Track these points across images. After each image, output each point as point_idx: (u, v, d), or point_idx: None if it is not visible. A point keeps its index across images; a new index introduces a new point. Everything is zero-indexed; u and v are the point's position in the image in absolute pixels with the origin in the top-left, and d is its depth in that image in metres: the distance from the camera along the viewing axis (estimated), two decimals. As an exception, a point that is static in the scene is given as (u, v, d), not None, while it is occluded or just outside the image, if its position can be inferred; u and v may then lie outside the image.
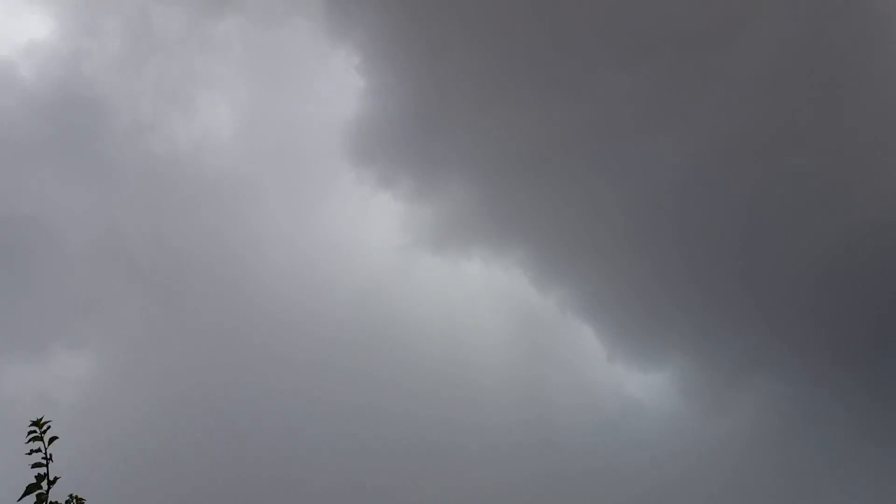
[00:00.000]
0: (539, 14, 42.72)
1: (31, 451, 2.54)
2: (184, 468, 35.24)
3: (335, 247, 46.38)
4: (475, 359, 44.73)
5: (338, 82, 47.14)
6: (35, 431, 2.58)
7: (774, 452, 39.95)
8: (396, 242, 46.51)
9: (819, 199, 38.81)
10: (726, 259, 41.67)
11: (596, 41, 41.85)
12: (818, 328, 40.60)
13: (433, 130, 43.71)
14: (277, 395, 39.46)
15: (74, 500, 2.50)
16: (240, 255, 44.35)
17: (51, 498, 2.47)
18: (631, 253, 42.77)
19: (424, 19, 43.04)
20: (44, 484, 2.47)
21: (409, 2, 42.48)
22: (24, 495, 2.42)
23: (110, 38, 43.76)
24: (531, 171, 43.03)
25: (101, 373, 41.42)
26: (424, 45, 43.05)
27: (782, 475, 38.88)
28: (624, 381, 47.97)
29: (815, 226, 38.58)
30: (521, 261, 46.43)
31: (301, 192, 48.44)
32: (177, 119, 46.09)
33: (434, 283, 48.42)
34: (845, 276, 37.88)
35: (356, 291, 44.88)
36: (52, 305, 41.72)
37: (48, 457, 2.53)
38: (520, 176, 43.38)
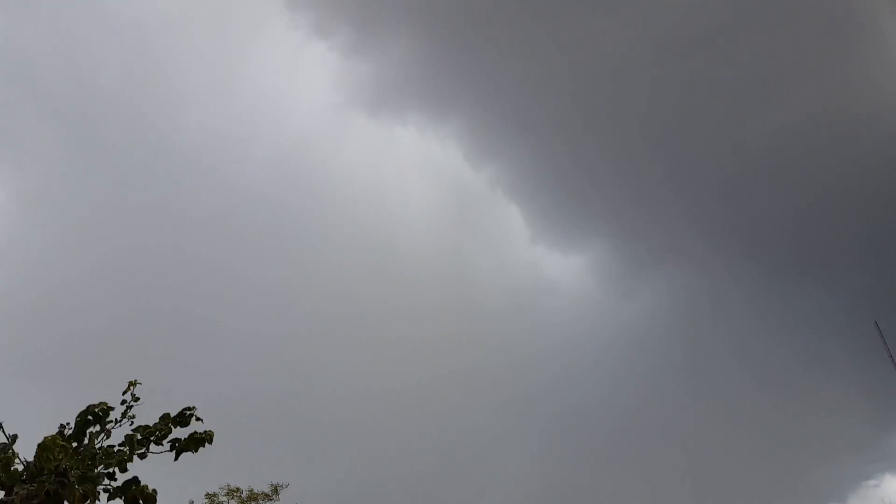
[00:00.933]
0: None
1: None
2: (101, 305, 34.91)
3: (262, 95, 44.22)
4: (403, 230, 44.81)
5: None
6: None
7: (680, 335, 42.92)
8: (328, 100, 44.68)
9: (749, 98, 39.29)
10: (652, 151, 42.37)
11: None
12: (733, 223, 42.68)
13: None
14: (192, 250, 38.91)
15: None
16: (162, 96, 41.77)
17: None
18: (566, 137, 42.71)
19: None
20: None
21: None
22: None
23: None
24: (478, 36, 41.25)
25: (14, 210, 39.55)
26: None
27: (685, 356, 42.03)
28: (544, 262, 49.89)
29: (742, 124, 39.33)
30: (457, 133, 45.67)
31: (229, 31, 44.96)
32: None
33: (366, 148, 47.40)
34: (765, 176, 39.35)
35: (281, 148, 43.50)
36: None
37: None
38: (466, 41, 41.52)
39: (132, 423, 2.48)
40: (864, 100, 35.67)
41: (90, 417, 2.53)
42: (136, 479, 2.45)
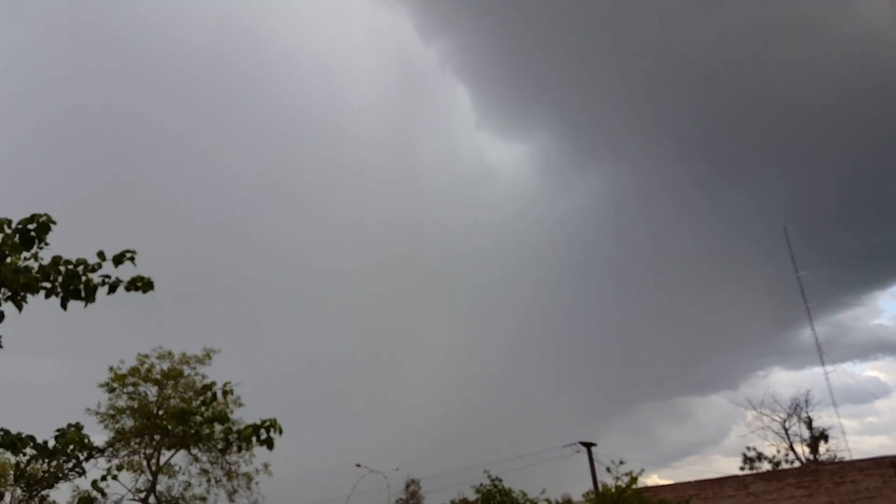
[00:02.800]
0: None
1: None
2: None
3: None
4: (342, 99, 43.46)
5: None
6: None
7: (609, 230, 44.29)
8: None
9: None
10: (599, 44, 41.60)
11: None
12: (667, 125, 43.21)
13: None
14: (127, 105, 37.02)
15: None
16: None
17: None
18: (523, 17, 41.31)
19: None
20: None
21: None
22: None
23: None
24: None
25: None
26: None
27: (611, 250, 43.56)
28: (487, 148, 49.49)
29: (690, 25, 38.82)
30: (407, 1, 43.56)
31: None
32: None
33: (312, 12, 44.89)
34: (707, 75, 39.48)
35: (220, 12, 40.84)
36: None
37: None
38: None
39: (42, 248, 2.39)
40: (808, 4, 35.79)
41: (32, 225, 2.47)
42: (77, 274, 2.44)
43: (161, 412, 12.64)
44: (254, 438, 2.73)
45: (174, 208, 37.58)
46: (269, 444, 2.73)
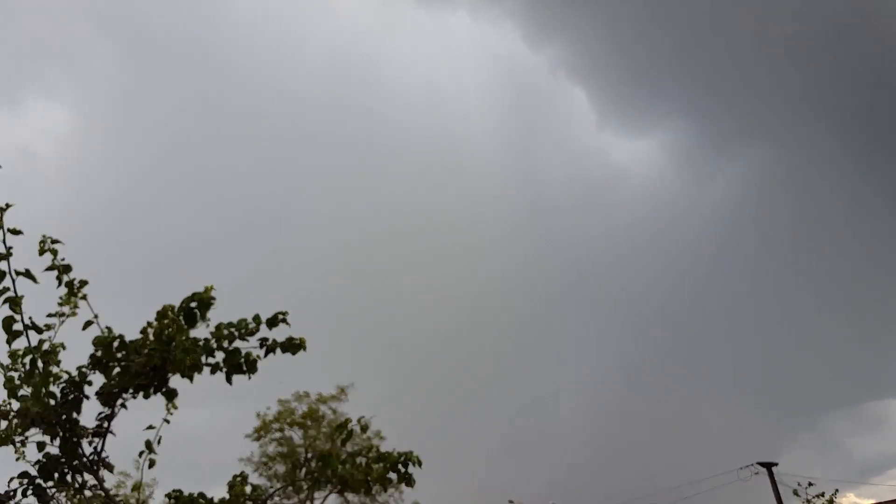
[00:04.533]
0: None
1: None
2: (163, 216, 36.11)
3: (311, 22, 43.03)
4: (459, 119, 43.83)
5: None
6: None
7: (759, 215, 41.21)
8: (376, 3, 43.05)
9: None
10: (725, 24, 39.30)
11: None
12: (808, 96, 39.86)
13: None
14: (247, 149, 39.25)
15: (49, 241, 2.21)
16: (207, 3, 41.17)
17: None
18: (630, 12, 39.95)
19: None
20: None
21: None
22: None
23: None
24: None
25: (78, 126, 40.47)
26: None
27: (765, 237, 40.52)
28: (612, 149, 47.62)
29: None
30: (512, 11, 43.21)
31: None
32: None
33: (417, 40, 45.73)
34: (839, 47, 36.28)
35: (330, 49, 42.57)
36: (16, 51, 39.68)
37: None
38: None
39: (208, 325, 2.36)
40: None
41: (193, 304, 2.45)
42: (238, 349, 2.35)
43: (309, 455, 12.84)
44: (393, 475, 2.56)
45: (308, 243, 38.89)
46: (408, 480, 2.54)
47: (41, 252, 2.19)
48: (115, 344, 2.26)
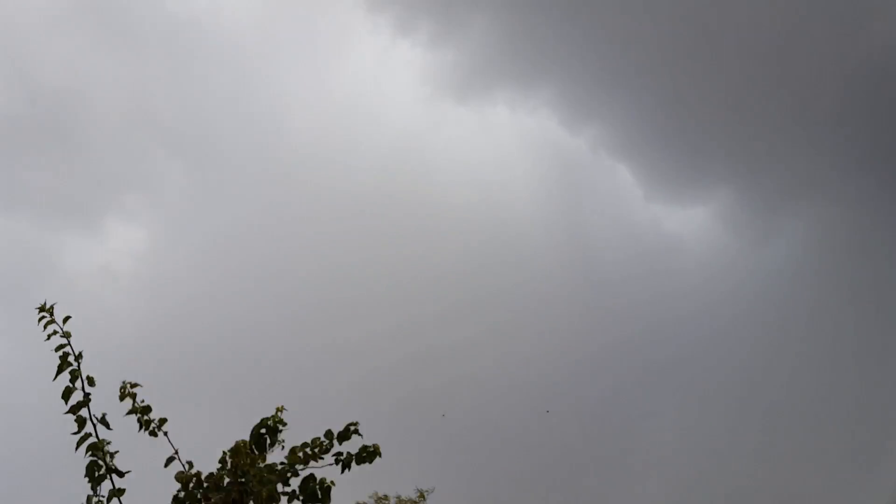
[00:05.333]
0: None
1: (49, 336, 2.39)
2: (235, 327, 37.14)
3: (356, 103, 45.33)
4: (508, 209, 44.53)
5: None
6: (45, 316, 2.41)
7: (822, 274, 39.43)
8: (417, 94, 45.29)
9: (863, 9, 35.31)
10: (764, 81, 39.13)
11: None
12: (863, 148, 38.83)
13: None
14: (312, 256, 40.46)
15: (128, 387, 2.37)
16: (266, 117, 43.95)
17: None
18: (664, 84, 40.52)
19: None
20: (71, 360, 2.34)
21: None
22: (56, 374, 2.33)
23: None
24: (554, 3, 40.02)
25: (153, 244, 42.73)
26: None
27: (830, 296, 38.59)
28: (663, 219, 47.25)
29: (860, 39, 35.45)
30: (548, 101, 44.62)
31: (319, 45, 46.82)
32: None
33: (460, 134, 47.34)
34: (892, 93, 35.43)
35: (380, 149, 44.39)
36: (100, 179, 42.89)
37: (66, 334, 2.38)
38: (542, 10, 40.41)
39: (283, 447, 2.46)
40: None
41: (263, 430, 2.51)
42: (312, 476, 2.38)
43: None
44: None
45: (364, 348, 39.14)
46: None
47: (122, 397, 2.27)
48: (194, 481, 2.30)
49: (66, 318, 2.39)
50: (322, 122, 44.27)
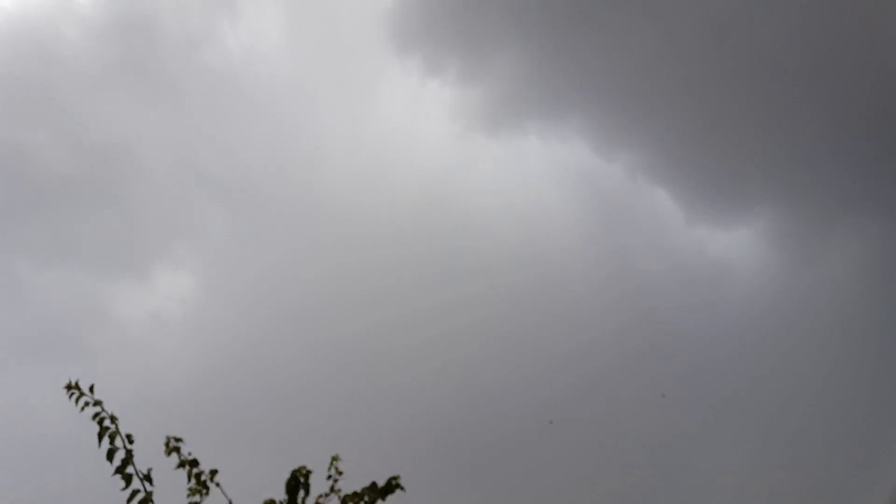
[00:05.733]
0: None
1: (83, 408, 2.53)
2: (285, 372, 37.46)
3: (390, 144, 46.19)
4: (547, 240, 44.27)
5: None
6: (74, 392, 2.58)
7: (880, 293, 37.81)
8: (449, 131, 45.74)
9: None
10: (804, 92, 38.21)
11: None
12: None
13: (473, 7, 41.46)
14: (356, 295, 40.73)
15: (172, 441, 2.39)
16: (303, 162, 44.96)
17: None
18: (698, 102, 39.97)
19: None
20: (107, 423, 2.45)
21: None
22: (99, 442, 2.39)
23: None
24: (579, 26, 40.19)
25: (200, 290, 43.65)
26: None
27: (890, 317, 36.93)
28: (707, 242, 45.95)
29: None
30: (579, 129, 44.36)
31: (351, 90, 47.91)
32: (226, 28, 46.39)
33: (494, 167, 47.48)
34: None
35: (417, 186, 44.81)
36: (148, 229, 44.19)
37: (97, 402, 2.52)
38: (567, 35, 40.67)
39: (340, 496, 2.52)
40: None
41: (294, 483, 2.47)
42: None
43: None
44: None
45: (396, 373, 38.95)
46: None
47: (168, 452, 2.26)
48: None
49: (92, 387, 2.40)
50: (357, 165, 45.07)
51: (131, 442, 2.28)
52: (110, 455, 2.21)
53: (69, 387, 2.49)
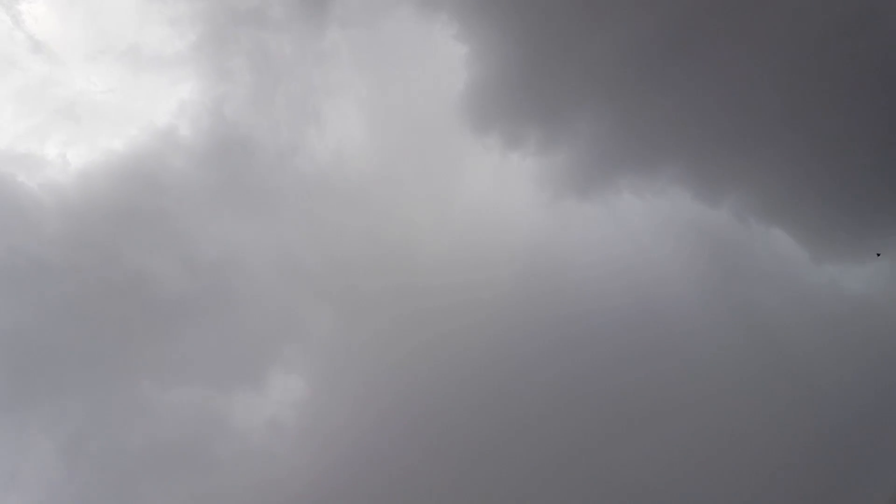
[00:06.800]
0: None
1: None
2: (401, 470, 36.71)
3: (480, 221, 45.87)
4: (659, 297, 41.69)
5: (442, 55, 47.08)
6: None
7: None
8: (538, 200, 44.98)
9: None
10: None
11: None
12: None
13: (545, 75, 41.33)
14: (469, 382, 39.75)
15: None
16: (396, 250, 45.47)
17: None
18: (804, 132, 36.83)
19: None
20: None
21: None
22: None
23: (240, 77, 47.23)
24: (656, 74, 38.76)
25: (312, 392, 44.28)
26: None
27: None
28: (841, 280, 41.92)
29: None
30: (676, 177, 42.14)
31: (435, 174, 48.76)
32: (313, 135, 48.85)
33: (590, 230, 45.99)
34: None
35: (513, 259, 43.93)
36: (260, 336, 45.83)
37: None
38: (646, 86, 39.31)
39: None
40: None
41: None
42: None
43: None
44: None
45: (523, 454, 37.43)
46: None
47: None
48: None
49: None
50: (449, 245, 44.95)
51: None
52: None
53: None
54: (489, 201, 48.03)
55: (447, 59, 46.66)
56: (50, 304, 39.08)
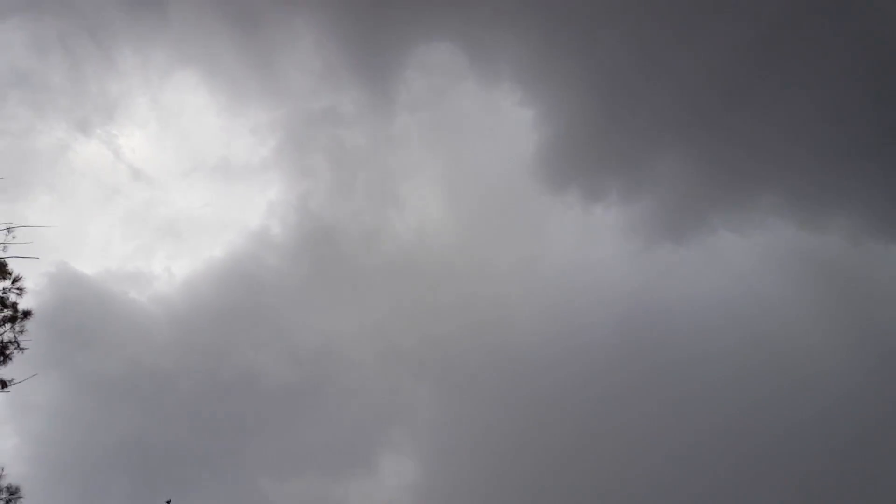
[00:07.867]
0: None
1: None
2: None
3: (572, 281, 44.83)
4: (773, 330, 39.08)
5: (509, 122, 47.75)
6: None
7: None
8: (630, 249, 43.90)
9: None
10: None
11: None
12: None
13: (615, 124, 40.94)
14: (580, 454, 37.98)
15: None
16: (490, 323, 44.79)
17: None
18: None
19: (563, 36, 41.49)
20: None
21: (534, 26, 41.39)
22: None
23: (320, 173, 49.76)
24: (738, 101, 37.43)
25: (424, 476, 43.33)
26: (572, 51, 41.27)
27: None
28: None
29: None
30: (774, 208, 39.94)
31: (519, 238, 48.44)
32: (394, 217, 50.41)
33: (689, 271, 44.11)
34: None
35: (611, 317, 42.49)
36: (367, 421, 45.80)
37: None
38: (729, 116, 37.96)
39: None
40: None
41: None
42: None
43: None
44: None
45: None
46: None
47: None
48: None
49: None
50: (542, 308, 44.01)
51: None
52: None
53: None
54: (577, 256, 47.18)
55: (515, 124, 47.62)
56: (167, 409, 40.69)
